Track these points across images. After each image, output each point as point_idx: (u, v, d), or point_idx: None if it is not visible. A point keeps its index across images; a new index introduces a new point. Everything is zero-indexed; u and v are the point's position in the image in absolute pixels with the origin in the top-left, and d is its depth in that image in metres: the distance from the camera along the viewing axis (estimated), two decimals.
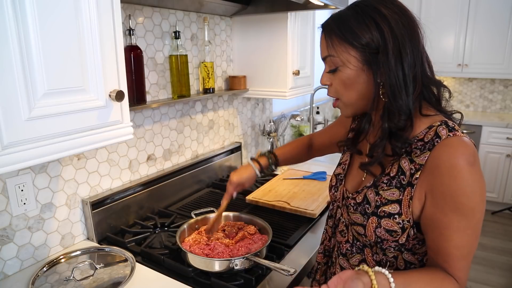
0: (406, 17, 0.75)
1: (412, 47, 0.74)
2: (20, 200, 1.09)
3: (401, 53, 0.73)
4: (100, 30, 0.82)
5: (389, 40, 0.73)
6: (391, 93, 0.74)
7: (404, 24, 0.74)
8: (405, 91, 0.74)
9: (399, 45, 0.73)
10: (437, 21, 3.79)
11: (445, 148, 0.73)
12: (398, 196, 0.78)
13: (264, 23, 1.80)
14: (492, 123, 3.55)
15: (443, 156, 0.72)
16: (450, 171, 0.71)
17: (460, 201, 0.71)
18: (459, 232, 0.72)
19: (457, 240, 0.73)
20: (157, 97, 1.50)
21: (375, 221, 0.80)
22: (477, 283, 2.65)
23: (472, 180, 0.71)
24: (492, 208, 3.72)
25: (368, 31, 0.74)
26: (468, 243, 0.73)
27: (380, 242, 0.81)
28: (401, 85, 0.74)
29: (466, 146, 0.72)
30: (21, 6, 0.68)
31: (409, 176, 0.77)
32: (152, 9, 1.43)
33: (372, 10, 0.75)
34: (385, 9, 0.74)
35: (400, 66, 0.73)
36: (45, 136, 0.76)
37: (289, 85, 1.83)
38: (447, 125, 0.76)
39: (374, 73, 0.76)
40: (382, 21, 0.73)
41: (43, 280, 1.05)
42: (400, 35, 0.73)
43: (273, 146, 2.19)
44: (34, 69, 0.72)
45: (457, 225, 0.72)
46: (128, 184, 1.42)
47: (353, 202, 0.86)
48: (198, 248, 1.11)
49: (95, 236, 1.28)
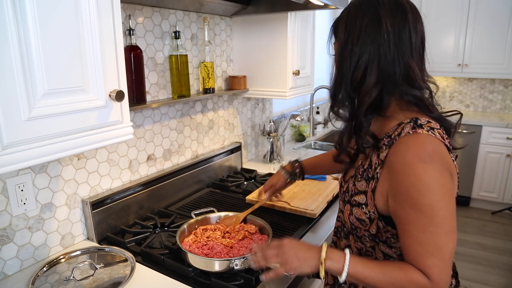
0: (375, 22, 0.77)
1: (365, 49, 0.77)
2: (20, 200, 1.09)
3: (350, 51, 0.78)
4: (100, 30, 0.82)
5: (343, 36, 0.80)
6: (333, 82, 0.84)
7: (365, 28, 0.77)
8: (344, 83, 0.81)
9: (349, 45, 0.79)
10: (437, 21, 3.79)
11: (400, 145, 0.75)
12: (365, 187, 0.82)
13: (264, 23, 1.80)
14: (492, 123, 3.55)
15: (397, 153, 0.74)
16: (403, 168, 0.73)
17: (415, 198, 0.71)
18: (420, 228, 0.72)
19: (420, 236, 0.72)
20: (157, 97, 1.50)
21: (349, 209, 0.86)
22: (477, 283, 2.65)
23: (426, 177, 0.71)
24: (492, 208, 3.72)
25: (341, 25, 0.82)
26: (433, 240, 0.71)
27: (355, 229, 0.87)
28: (342, 77, 0.81)
29: (421, 143, 0.73)
30: (21, 6, 0.68)
31: (373, 170, 0.81)
32: (152, 9, 1.43)
33: (346, 10, 0.83)
34: (354, 11, 0.80)
35: (346, 62, 0.80)
36: (45, 136, 0.76)
37: (289, 85, 1.83)
38: (415, 122, 0.76)
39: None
40: (344, 19, 0.81)
41: (43, 280, 1.05)
42: (353, 39, 0.78)
43: (273, 146, 2.19)
44: (34, 69, 0.72)
45: (416, 222, 0.72)
46: (128, 184, 1.42)
47: (342, 190, 0.94)
48: (196, 248, 1.11)
49: (95, 236, 1.28)
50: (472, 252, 3.04)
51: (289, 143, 2.73)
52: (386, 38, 0.76)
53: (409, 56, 0.77)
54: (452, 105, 4.25)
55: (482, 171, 3.63)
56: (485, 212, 3.72)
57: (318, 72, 3.32)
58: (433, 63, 0.88)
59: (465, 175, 3.73)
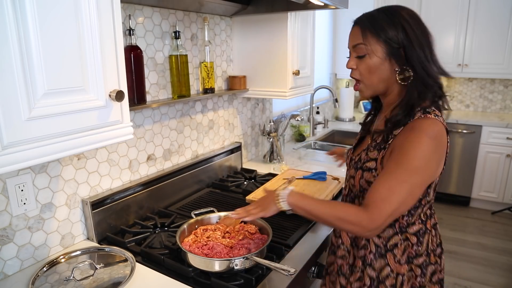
0: (421, 25, 0.98)
1: (424, 46, 0.96)
2: (20, 200, 1.09)
3: (422, 46, 0.96)
4: (100, 30, 0.82)
5: (412, 38, 0.95)
6: (423, 69, 0.95)
7: (420, 29, 0.97)
8: (431, 67, 0.97)
9: (418, 41, 0.95)
10: (437, 21, 3.79)
11: (415, 123, 0.94)
12: (376, 155, 1.01)
13: (264, 23, 1.80)
14: (492, 123, 3.55)
15: (412, 127, 0.93)
16: (412, 137, 0.91)
17: (405, 156, 0.90)
18: (391, 174, 0.90)
19: (385, 182, 0.90)
20: (157, 97, 1.50)
21: (360, 174, 1.04)
22: (477, 283, 2.65)
23: (423, 148, 0.90)
24: (492, 208, 3.72)
25: (394, 29, 0.96)
26: (395, 189, 0.89)
27: (362, 191, 1.04)
28: (427, 64, 0.96)
29: (431, 124, 0.92)
30: (21, 6, 0.68)
31: (386, 142, 1.00)
32: (152, 9, 1.43)
33: (398, 15, 0.97)
34: (407, 16, 0.97)
35: (423, 54, 0.95)
36: (45, 136, 0.76)
37: (289, 85, 1.83)
38: (425, 110, 0.95)
39: (395, 63, 0.98)
40: (405, 23, 0.96)
41: (43, 280, 1.05)
42: (418, 36, 0.96)
43: (273, 146, 2.19)
44: (34, 69, 0.72)
45: (392, 171, 0.91)
46: (128, 184, 1.42)
47: (353, 161, 1.10)
48: (196, 248, 1.11)
49: (95, 236, 1.28)
50: (472, 252, 3.04)
51: (289, 143, 2.73)
52: (425, 44, 0.97)
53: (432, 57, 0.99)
54: (452, 105, 4.25)
55: (482, 171, 3.63)
56: (485, 212, 3.72)
57: (318, 72, 3.33)
58: None
59: (465, 175, 3.73)
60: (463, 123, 3.65)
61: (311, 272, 1.25)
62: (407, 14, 0.98)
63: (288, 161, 2.25)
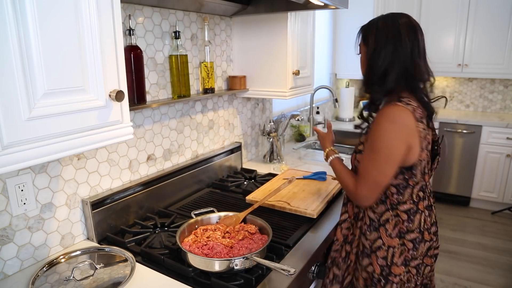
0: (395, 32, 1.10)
1: (386, 53, 1.10)
2: (20, 200, 1.09)
3: (379, 54, 1.12)
4: (100, 30, 0.83)
5: (373, 44, 1.13)
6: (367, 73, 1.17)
7: (389, 36, 1.11)
8: (373, 75, 1.14)
9: (377, 49, 1.12)
10: (437, 21, 3.80)
11: (382, 110, 1.10)
12: (364, 139, 1.20)
13: (264, 23, 1.80)
14: (492, 123, 3.55)
15: (379, 114, 1.10)
16: (377, 124, 1.09)
17: (374, 141, 1.10)
18: (366, 158, 1.13)
19: (363, 164, 1.14)
20: (157, 97, 1.50)
21: (354, 156, 1.24)
22: (477, 283, 2.65)
23: (385, 131, 1.07)
24: (492, 208, 3.72)
25: (371, 36, 1.14)
26: (367, 167, 1.11)
27: (355, 169, 1.23)
28: (372, 71, 1.14)
29: (393, 110, 1.07)
30: (21, 6, 0.68)
31: (368, 128, 1.19)
32: (152, 9, 1.43)
33: (374, 24, 1.15)
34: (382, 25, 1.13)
35: (375, 61, 1.12)
36: (45, 136, 0.76)
37: (289, 85, 1.83)
38: (399, 99, 1.09)
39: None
40: (374, 31, 1.14)
41: (43, 280, 1.05)
42: (381, 44, 1.11)
43: (273, 146, 2.19)
44: (34, 69, 0.72)
45: (367, 155, 1.12)
46: (128, 184, 1.42)
47: (356, 149, 1.27)
48: (196, 248, 1.11)
49: (95, 236, 1.28)
50: (472, 252, 3.04)
51: (289, 143, 2.73)
52: (404, 46, 1.09)
53: (416, 58, 1.11)
54: (452, 105, 4.26)
55: (482, 171, 3.63)
56: (485, 212, 3.72)
57: (318, 72, 3.33)
58: (433, 63, 1.15)
59: (465, 175, 3.73)
60: (463, 123, 3.65)
61: (311, 272, 1.25)
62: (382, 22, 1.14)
63: (288, 161, 2.25)
